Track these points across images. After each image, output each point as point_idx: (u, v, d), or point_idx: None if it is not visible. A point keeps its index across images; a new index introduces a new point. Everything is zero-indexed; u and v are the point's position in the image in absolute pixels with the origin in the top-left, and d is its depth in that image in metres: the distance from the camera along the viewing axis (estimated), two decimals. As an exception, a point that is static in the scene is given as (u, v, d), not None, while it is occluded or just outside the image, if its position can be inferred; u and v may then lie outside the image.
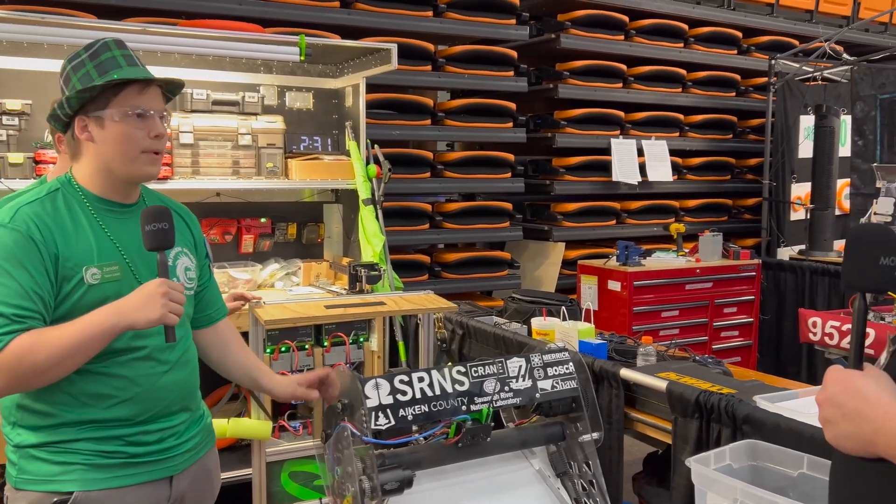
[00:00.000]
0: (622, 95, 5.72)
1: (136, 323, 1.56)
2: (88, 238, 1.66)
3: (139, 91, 1.68)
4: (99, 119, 1.67)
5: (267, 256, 4.08)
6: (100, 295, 1.63)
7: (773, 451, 1.99)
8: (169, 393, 1.74)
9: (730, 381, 2.53)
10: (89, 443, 1.64)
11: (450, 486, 1.78)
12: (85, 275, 1.63)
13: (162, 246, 1.63)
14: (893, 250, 1.12)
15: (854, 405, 1.05)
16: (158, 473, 1.73)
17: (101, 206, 1.71)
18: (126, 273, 1.69)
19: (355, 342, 3.28)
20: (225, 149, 3.73)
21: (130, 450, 1.68)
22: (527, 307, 3.45)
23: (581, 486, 1.87)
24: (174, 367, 1.75)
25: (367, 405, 1.64)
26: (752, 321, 5.38)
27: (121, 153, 1.67)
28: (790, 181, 6.16)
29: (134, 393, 1.67)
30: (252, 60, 3.83)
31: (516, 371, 1.82)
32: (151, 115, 1.69)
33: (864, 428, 1.04)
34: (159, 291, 1.56)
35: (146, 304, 1.56)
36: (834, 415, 1.08)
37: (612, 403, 2.60)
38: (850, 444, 1.06)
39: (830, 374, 1.11)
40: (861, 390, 1.06)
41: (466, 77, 5.01)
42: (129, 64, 1.69)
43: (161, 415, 1.73)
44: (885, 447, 1.02)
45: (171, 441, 1.75)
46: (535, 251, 5.65)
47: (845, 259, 1.18)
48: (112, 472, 1.66)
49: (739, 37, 6.22)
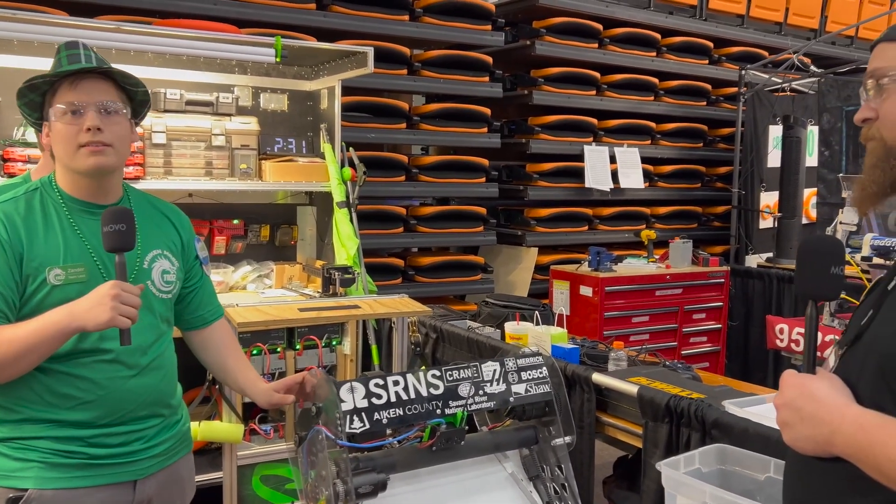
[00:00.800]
0: (595, 103, 5.78)
1: (85, 324, 1.55)
2: (57, 239, 1.65)
3: (70, 86, 1.66)
4: (48, 123, 1.69)
5: (239, 258, 4.05)
6: (63, 296, 1.62)
7: (742, 455, 2.03)
8: (136, 397, 1.72)
9: (699, 387, 2.57)
10: (49, 441, 1.63)
11: (423, 490, 1.79)
12: (48, 275, 1.62)
13: (119, 247, 1.61)
14: (842, 260, 1.18)
15: (811, 408, 1.10)
16: (120, 477, 1.70)
17: (76, 207, 1.71)
18: (94, 275, 1.67)
19: (328, 345, 3.27)
20: (198, 149, 3.70)
21: (91, 451, 1.66)
22: (500, 311, 3.47)
23: (553, 490, 1.89)
24: (143, 372, 1.73)
25: (341, 408, 1.63)
26: (721, 327, 5.46)
27: (63, 151, 1.68)
28: (759, 190, 6.26)
29: (97, 395, 1.66)
30: (226, 61, 3.81)
31: (491, 375, 1.83)
32: (84, 108, 1.65)
33: (821, 430, 1.09)
34: (110, 293, 1.55)
35: (96, 305, 1.54)
36: (792, 418, 1.13)
37: (584, 407, 2.63)
38: (808, 445, 1.11)
39: (786, 379, 1.16)
40: (816, 394, 1.11)
41: (442, 82, 5.02)
42: (70, 62, 1.67)
43: (127, 419, 1.71)
44: (842, 447, 1.06)
45: (137, 445, 1.73)
46: (509, 256, 5.67)
47: (798, 269, 1.23)
48: (70, 472, 1.64)
49: (711, 47, 6.32)
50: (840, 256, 1.20)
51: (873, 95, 1.16)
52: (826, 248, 1.22)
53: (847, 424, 1.06)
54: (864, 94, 1.19)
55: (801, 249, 1.24)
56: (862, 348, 1.15)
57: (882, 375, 1.08)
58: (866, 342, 1.15)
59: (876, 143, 1.16)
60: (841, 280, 1.19)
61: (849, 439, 1.05)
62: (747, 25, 6.50)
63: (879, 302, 1.16)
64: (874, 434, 1.03)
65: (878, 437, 1.02)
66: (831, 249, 1.21)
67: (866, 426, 1.04)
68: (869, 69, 1.18)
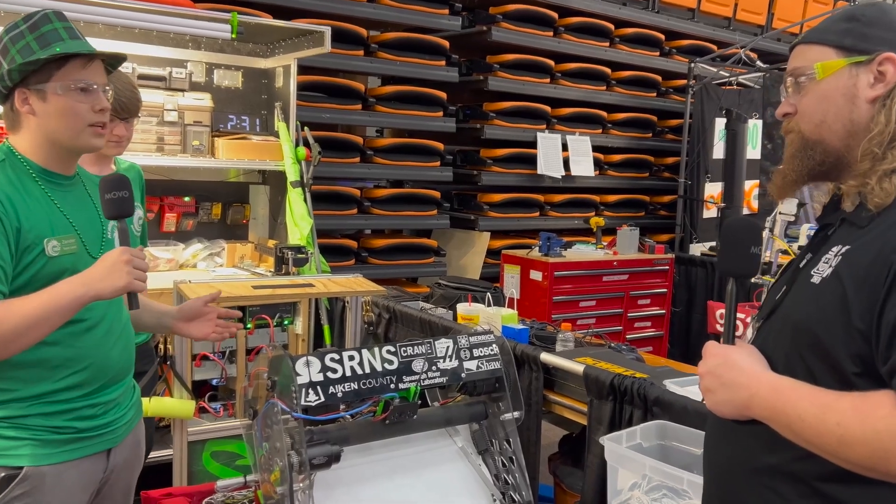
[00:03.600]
0: (549, 91, 5.86)
1: (102, 292, 1.58)
2: (43, 210, 1.66)
3: (83, 65, 1.67)
4: (41, 92, 1.65)
5: (190, 236, 4.02)
6: (58, 267, 1.64)
7: (681, 431, 2.13)
8: (116, 363, 1.78)
9: (642, 367, 2.67)
10: (39, 418, 1.65)
11: (376, 462, 1.83)
12: (46, 247, 1.63)
13: (122, 214, 1.66)
14: (759, 240, 1.29)
15: (731, 375, 1.21)
16: (100, 447, 1.76)
17: (46, 178, 1.71)
18: (80, 246, 1.71)
19: (279, 325, 3.28)
20: (150, 125, 3.65)
21: (79, 424, 1.70)
22: (452, 293, 3.53)
23: (501, 463, 1.96)
24: (120, 337, 1.80)
25: (297, 382, 1.67)
26: (665, 313, 5.63)
27: (66, 127, 1.67)
28: (704, 180, 6.45)
29: (88, 363, 1.70)
30: (180, 36, 3.75)
31: (444, 351, 1.88)
32: (95, 90, 1.69)
33: (740, 394, 1.20)
34: (122, 259, 1.59)
35: (111, 272, 1.58)
36: (713, 384, 1.24)
37: (532, 386, 2.70)
38: (727, 409, 1.23)
39: (709, 349, 1.27)
40: (736, 362, 1.22)
41: (398, 64, 5.03)
42: (70, 37, 1.67)
43: (108, 385, 1.76)
44: (759, 409, 1.18)
45: (112, 414, 1.78)
46: (461, 240, 5.73)
47: (721, 249, 1.35)
48: (60, 448, 1.68)
49: (662, 39, 6.45)
50: (757, 237, 1.31)
51: (792, 92, 1.27)
52: (746, 230, 1.32)
53: (763, 388, 1.17)
54: (784, 91, 1.29)
55: (724, 231, 1.34)
56: (776, 321, 1.25)
57: (794, 345, 1.19)
58: (780, 315, 1.25)
59: (794, 135, 1.26)
60: (757, 259, 1.29)
61: (764, 402, 1.16)
62: (698, 19, 6.66)
63: (792, 279, 1.26)
64: (787, 396, 1.13)
65: (790, 398, 1.13)
66: (750, 231, 1.32)
67: (780, 389, 1.15)
68: (788, 68, 1.28)
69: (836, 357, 1.11)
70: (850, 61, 1.20)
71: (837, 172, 1.24)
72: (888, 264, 1.08)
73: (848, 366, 1.10)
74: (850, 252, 1.15)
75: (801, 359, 1.17)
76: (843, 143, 1.20)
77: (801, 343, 1.17)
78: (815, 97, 1.22)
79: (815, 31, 1.26)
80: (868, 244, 1.13)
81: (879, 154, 1.16)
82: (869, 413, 1.04)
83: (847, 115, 1.20)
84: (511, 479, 1.91)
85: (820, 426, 1.08)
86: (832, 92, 1.21)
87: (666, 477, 1.92)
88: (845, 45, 1.21)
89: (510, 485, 1.91)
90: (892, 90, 1.17)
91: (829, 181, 1.27)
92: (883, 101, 1.17)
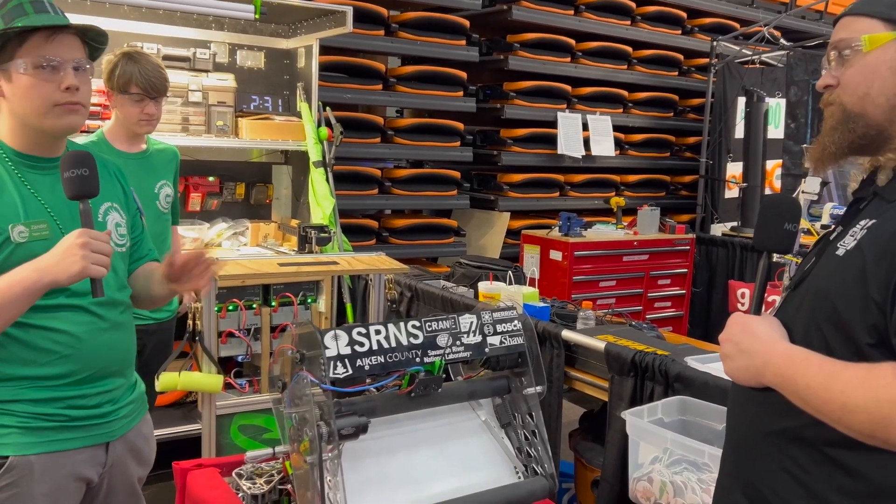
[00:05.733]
0: (570, 70, 5.83)
1: (58, 278, 1.50)
2: (12, 195, 1.59)
3: (46, 39, 1.57)
4: (6, 72, 1.58)
5: (214, 215, 4.07)
6: (28, 254, 1.56)
7: (702, 406, 2.15)
8: (108, 352, 1.71)
9: (663, 344, 2.69)
10: (26, 405, 1.60)
11: (402, 434, 1.87)
12: (12, 233, 1.56)
13: (83, 194, 1.55)
14: (796, 218, 1.31)
15: (748, 343, 1.25)
16: (96, 439, 1.71)
17: (22, 162, 1.64)
18: (55, 231, 1.62)
19: (303, 303, 3.33)
20: (174, 105, 3.69)
21: (69, 412, 1.65)
22: (474, 272, 3.56)
23: (524, 436, 1.99)
24: (114, 327, 1.73)
25: (325, 355, 1.70)
26: (685, 293, 5.63)
27: (30, 108, 1.59)
28: (726, 160, 6.40)
29: (75, 349, 1.64)
30: (203, 16, 3.78)
31: (468, 327, 1.91)
32: (61, 65, 1.59)
33: (754, 361, 1.23)
34: (78, 242, 1.49)
35: (66, 257, 1.49)
36: (732, 350, 1.27)
37: (553, 363, 2.73)
38: (743, 375, 1.26)
39: (732, 319, 1.31)
40: (755, 331, 1.25)
41: (419, 44, 5.03)
42: (37, 11, 1.57)
43: (98, 376, 1.70)
44: (771, 376, 1.21)
45: (108, 406, 1.73)
46: (481, 220, 5.75)
47: (757, 223, 1.37)
48: (49, 436, 1.62)
49: (684, 17, 6.39)
50: (795, 215, 1.33)
51: (835, 65, 1.26)
52: (783, 206, 1.36)
53: (776, 357, 1.20)
54: (826, 63, 1.29)
55: (762, 206, 1.38)
56: (801, 291, 1.28)
57: (813, 315, 1.21)
58: (805, 285, 1.27)
59: (835, 107, 1.26)
60: (793, 236, 1.31)
61: (776, 369, 1.19)
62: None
63: (821, 251, 1.28)
64: (797, 364, 1.17)
65: (800, 367, 1.16)
66: (788, 207, 1.35)
67: (792, 358, 1.18)
68: (833, 41, 1.28)
69: (852, 328, 1.14)
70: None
71: (877, 146, 1.24)
72: None
73: (863, 337, 1.13)
74: (875, 226, 1.17)
75: (818, 329, 1.19)
76: (886, 117, 1.21)
77: (819, 313, 1.20)
78: (861, 69, 1.22)
79: (862, 4, 1.26)
80: (893, 217, 1.14)
81: None
82: (872, 382, 1.07)
83: (892, 88, 1.20)
84: (534, 451, 1.94)
85: (825, 394, 1.11)
86: (879, 65, 1.20)
87: (687, 450, 1.94)
88: (894, 18, 1.20)
89: (532, 458, 1.95)
90: None
91: (868, 155, 1.27)
92: None
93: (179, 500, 2.09)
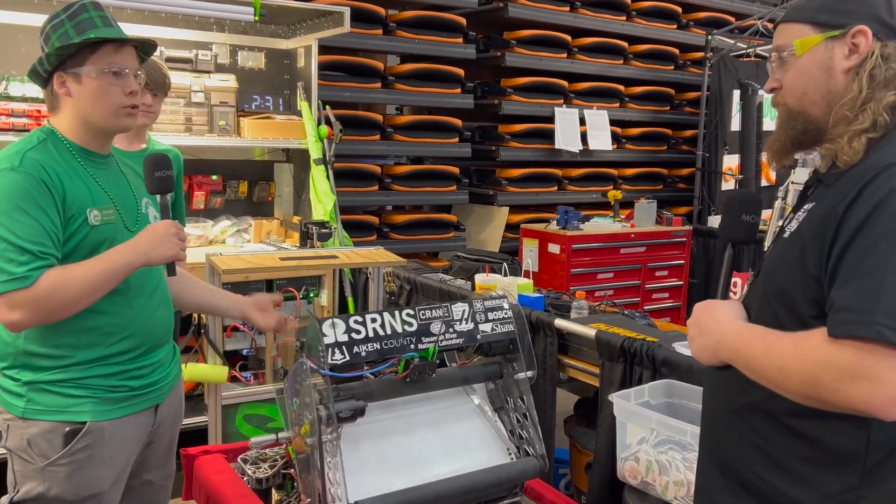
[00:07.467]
0: (566, 66, 5.90)
1: (153, 260, 1.79)
2: (84, 183, 1.80)
3: (114, 50, 1.80)
4: (76, 75, 1.79)
5: (218, 213, 4.17)
6: (99, 236, 1.79)
7: (687, 389, 2.24)
8: (159, 327, 1.95)
9: (653, 332, 2.77)
10: (98, 379, 1.82)
11: (398, 418, 1.96)
12: (89, 216, 1.78)
13: (166, 190, 1.86)
14: (754, 210, 1.42)
15: (708, 324, 1.34)
16: (149, 403, 1.94)
17: (86, 156, 1.85)
18: (118, 217, 1.85)
19: (306, 297, 3.42)
20: (178, 106, 3.79)
21: (132, 383, 1.88)
22: (471, 265, 3.64)
23: (516, 419, 2.08)
24: (161, 304, 1.96)
25: (324, 342, 1.79)
26: (682, 284, 5.70)
27: (99, 108, 1.80)
28: (722, 153, 6.47)
29: (135, 329, 1.86)
30: (204, 18, 3.87)
31: (460, 315, 2.00)
32: (126, 73, 1.82)
33: (711, 340, 1.33)
34: (171, 231, 1.80)
35: (162, 242, 1.78)
36: (694, 333, 1.37)
37: (547, 350, 2.82)
38: (704, 354, 1.36)
39: (697, 304, 1.40)
40: (716, 313, 1.34)
41: (416, 42, 5.11)
42: (105, 25, 1.81)
43: (154, 348, 1.94)
44: (726, 353, 1.30)
45: (159, 373, 1.96)
46: (480, 215, 5.84)
47: (721, 218, 1.48)
48: (117, 405, 1.86)
49: (679, 12, 6.45)
50: (753, 207, 1.44)
51: (776, 68, 1.37)
52: (741, 200, 1.47)
53: (729, 334, 1.29)
54: (769, 67, 1.39)
55: (725, 202, 1.50)
56: (760, 276, 1.37)
57: (764, 295, 1.31)
58: (762, 270, 1.37)
59: (781, 108, 1.36)
60: (754, 227, 1.41)
61: (729, 345, 1.29)
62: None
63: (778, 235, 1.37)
64: (744, 338, 1.26)
65: (747, 340, 1.25)
66: (745, 200, 1.47)
67: (740, 333, 1.28)
68: (773, 46, 1.38)
69: (797, 303, 1.23)
70: (826, 36, 1.29)
71: (819, 139, 1.33)
72: (835, 214, 1.18)
73: (806, 310, 1.22)
74: (813, 207, 1.26)
75: (769, 306, 1.28)
76: (823, 113, 1.30)
77: (769, 292, 1.29)
78: (796, 72, 1.32)
79: (794, 10, 1.36)
80: (827, 199, 1.23)
81: (851, 117, 1.25)
82: (803, 345, 1.16)
83: (825, 86, 1.29)
84: (525, 433, 2.03)
85: (766, 361, 1.20)
86: (811, 66, 1.30)
87: (671, 430, 2.03)
88: (820, 21, 1.30)
89: (524, 439, 2.04)
90: (864, 60, 1.26)
91: (812, 147, 1.37)
92: (857, 70, 1.26)
93: (187, 486, 2.19)
